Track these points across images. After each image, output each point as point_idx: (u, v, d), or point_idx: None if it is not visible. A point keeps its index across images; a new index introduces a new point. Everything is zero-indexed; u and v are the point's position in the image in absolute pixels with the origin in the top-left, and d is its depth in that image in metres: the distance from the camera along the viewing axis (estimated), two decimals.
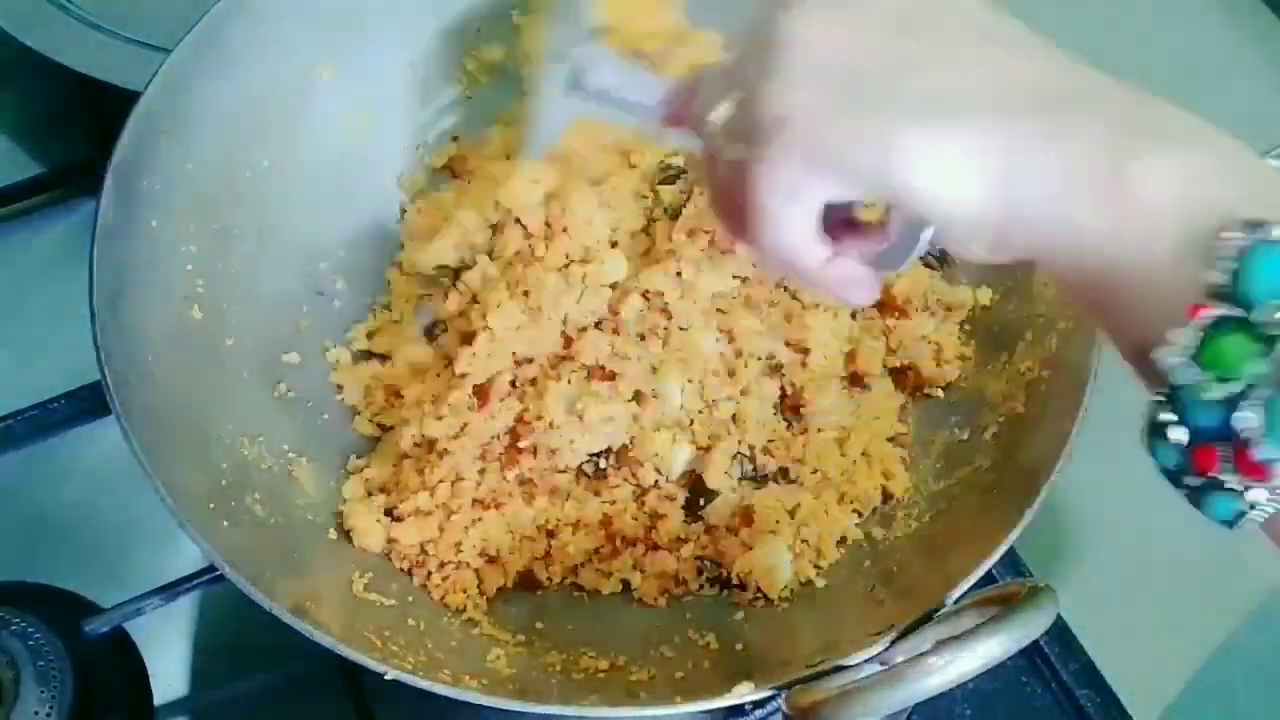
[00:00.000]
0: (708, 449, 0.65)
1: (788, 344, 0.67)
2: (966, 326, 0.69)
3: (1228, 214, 0.32)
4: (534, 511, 0.64)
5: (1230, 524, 0.34)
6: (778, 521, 0.63)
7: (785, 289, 0.69)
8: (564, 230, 0.67)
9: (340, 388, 0.69)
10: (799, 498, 0.64)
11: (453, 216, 0.72)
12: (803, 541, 0.63)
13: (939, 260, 0.70)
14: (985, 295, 0.69)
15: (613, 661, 0.58)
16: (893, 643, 0.51)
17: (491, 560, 0.63)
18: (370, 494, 0.64)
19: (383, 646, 0.53)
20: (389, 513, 0.63)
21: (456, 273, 0.71)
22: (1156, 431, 0.34)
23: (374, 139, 0.74)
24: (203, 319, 0.63)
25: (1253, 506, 0.33)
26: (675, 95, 0.51)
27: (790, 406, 0.67)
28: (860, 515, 0.65)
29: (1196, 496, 0.34)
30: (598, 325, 0.66)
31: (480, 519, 0.62)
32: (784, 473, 0.66)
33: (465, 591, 0.61)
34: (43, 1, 0.81)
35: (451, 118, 0.77)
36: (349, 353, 0.70)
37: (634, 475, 0.65)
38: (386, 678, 0.50)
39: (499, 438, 0.64)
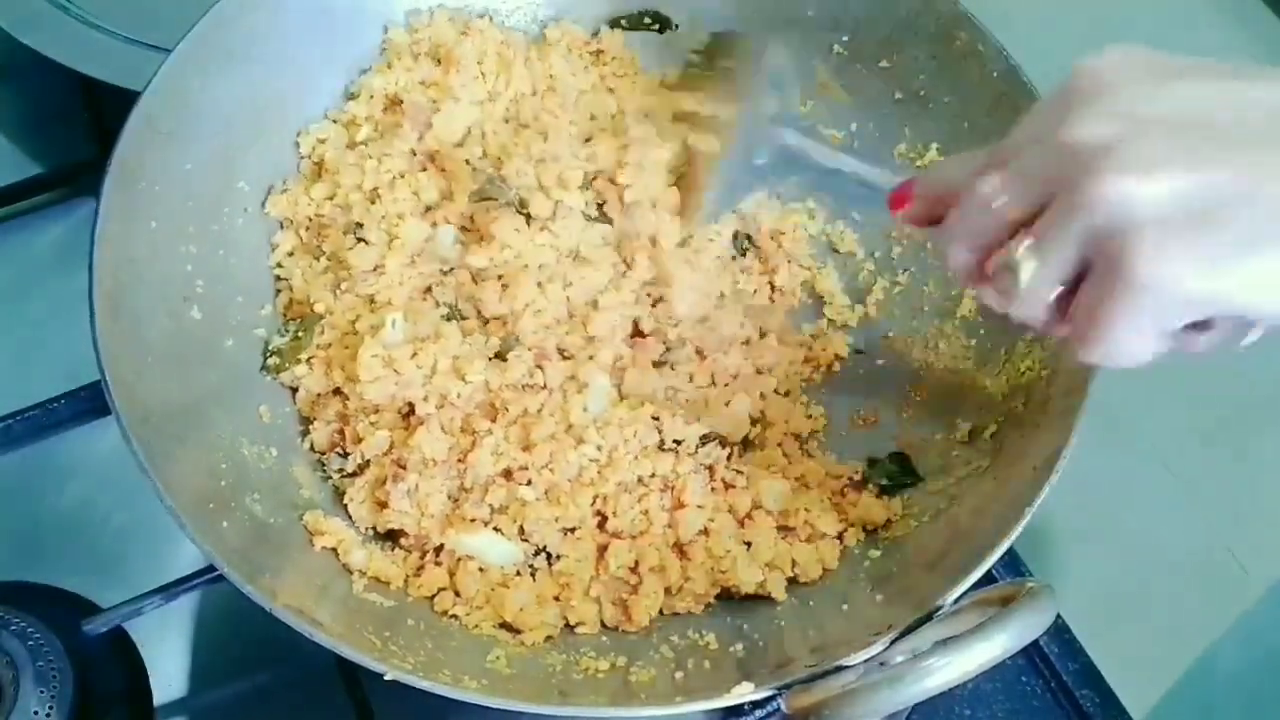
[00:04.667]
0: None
1: None
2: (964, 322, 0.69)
3: None
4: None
5: None
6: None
7: None
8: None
9: None
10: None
11: None
12: (805, 541, 0.63)
13: None
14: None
15: (613, 661, 0.58)
16: (892, 643, 0.51)
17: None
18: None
19: (383, 646, 0.53)
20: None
21: None
22: None
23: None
24: (203, 319, 0.63)
25: None
26: (922, 187, 0.51)
27: None
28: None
29: None
30: None
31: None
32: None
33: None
34: (43, 1, 0.81)
35: None
36: None
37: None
38: (386, 678, 0.50)
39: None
